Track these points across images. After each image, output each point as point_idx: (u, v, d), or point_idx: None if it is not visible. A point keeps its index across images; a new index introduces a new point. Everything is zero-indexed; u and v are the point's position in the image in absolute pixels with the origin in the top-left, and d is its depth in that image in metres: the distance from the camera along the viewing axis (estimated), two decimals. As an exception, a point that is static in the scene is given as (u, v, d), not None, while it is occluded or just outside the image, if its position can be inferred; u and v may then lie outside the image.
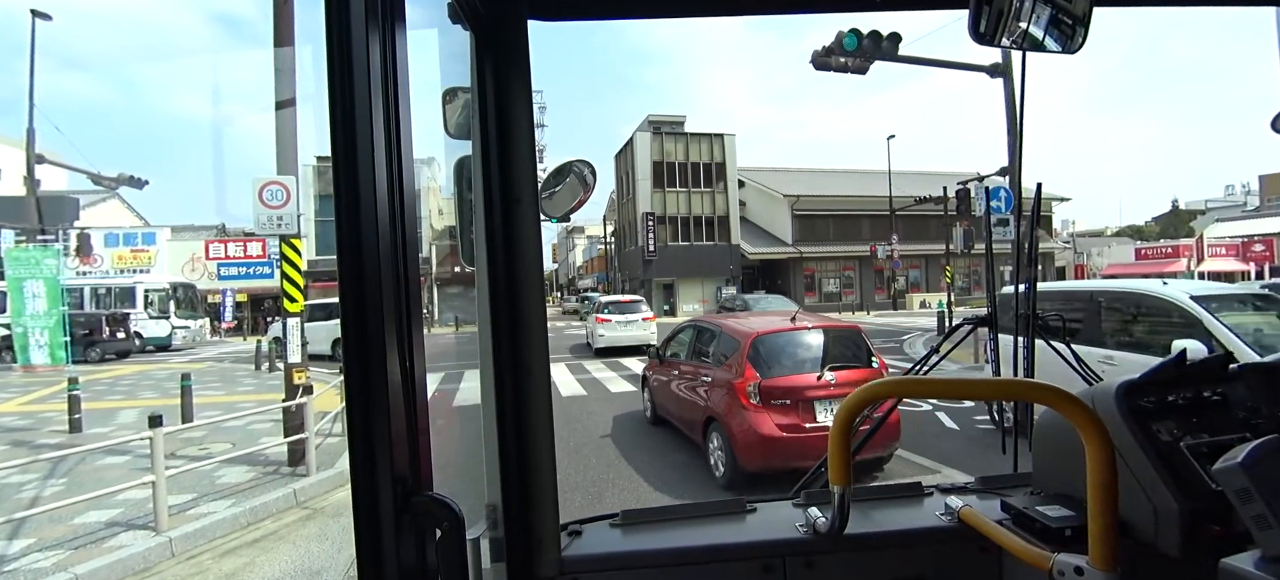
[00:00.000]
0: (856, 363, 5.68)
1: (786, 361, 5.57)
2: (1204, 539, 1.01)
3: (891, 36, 10.25)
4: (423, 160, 14.22)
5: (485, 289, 1.15)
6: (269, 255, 31.46)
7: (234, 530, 4.93)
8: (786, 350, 5.67)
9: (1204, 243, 41.52)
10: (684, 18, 1.34)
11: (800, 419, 5.23)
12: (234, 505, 5.19)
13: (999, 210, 11.22)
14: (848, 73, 10.46)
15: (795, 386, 5.35)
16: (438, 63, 1.12)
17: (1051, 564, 0.98)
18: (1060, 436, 1.23)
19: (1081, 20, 1.16)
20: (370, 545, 0.73)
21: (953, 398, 7.03)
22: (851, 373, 5.46)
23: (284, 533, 4.90)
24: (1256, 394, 1.19)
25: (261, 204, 6.03)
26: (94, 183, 18.73)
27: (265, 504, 5.24)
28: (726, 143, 35.51)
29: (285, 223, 6.13)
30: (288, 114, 6.46)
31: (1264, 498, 0.82)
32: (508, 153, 1.18)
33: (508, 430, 1.18)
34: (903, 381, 1.13)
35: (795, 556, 1.28)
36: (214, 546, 4.69)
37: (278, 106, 6.46)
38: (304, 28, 6.35)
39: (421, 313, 0.82)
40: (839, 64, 10.35)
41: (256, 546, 4.66)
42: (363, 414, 0.71)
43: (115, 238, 29.81)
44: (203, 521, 4.86)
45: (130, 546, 4.46)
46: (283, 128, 6.35)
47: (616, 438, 7.54)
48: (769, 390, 5.33)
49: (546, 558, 1.22)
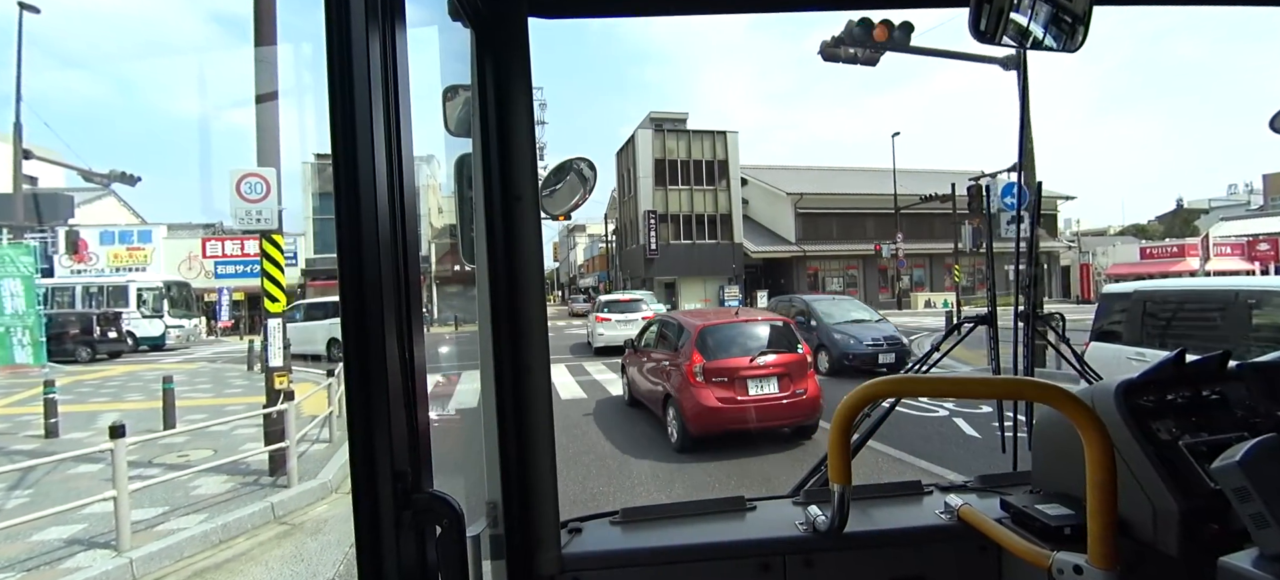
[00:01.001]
0: (784, 349, 6.90)
1: (727, 348, 6.79)
2: (1202, 537, 1.01)
3: (903, 26, 9.87)
4: (422, 157, 14.10)
5: (486, 287, 1.15)
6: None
7: (203, 549, 4.56)
8: (728, 339, 6.92)
9: (1210, 242, 41.25)
10: (683, 15, 1.30)
11: (735, 393, 6.50)
12: (206, 520, 4.82)
13: (1011, 207, 10.82)
14: (857, 64, 10.08)
15: (732, 367, 6.57)
16: (438, 60, 1.12)
17: (1051, 562, 0.98)
18: (1060, 435, 1.24)
19: (1081, 19, 1.16)
20: (371, 542, 0.73)
21: (951, 397, 6.86)
22: (779, 356, 6.75)
23: (257, 552, 4.52)
24: (1255, 393, 1.19)
25: (239, 197, 5.66)
26: (85, 179, 18.43)
27: (239, 519, 4.87)
28: (729, 140, 35.08)
29: (265, 217, 5.76)
30: (268, 107, 6.09)
31: (1262, 496, 0.83)
32: (508, 150, 1.16)
33: (508, 428, 1.17)
34: (901, 380, 1.11)
35: (795, 554, 1.27)
36: (180, 568, 4.31)
37: (258, 100, 6.09)
38: (304, 25, 6.03)
39: (422, 310, 0.81)
40: (848, 55, 9.97)
41: (224, 569, 4.29)
42: (363, 411, 0.72)
43: (111, 235, 29.47)
44: (170, 539, 4.49)
45: (87, 568, 4.09)
46: (264, 121, 5.98)
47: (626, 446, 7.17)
48: (711, 370, 6.53)
49: (546, 555, 1.22)
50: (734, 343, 6.88)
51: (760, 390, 6.58)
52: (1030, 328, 1.77)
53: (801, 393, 6.66)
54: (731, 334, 6.98)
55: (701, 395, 6.43)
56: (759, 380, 6.58)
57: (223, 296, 28.36)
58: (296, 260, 31.07)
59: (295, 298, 25.11)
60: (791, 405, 6.60)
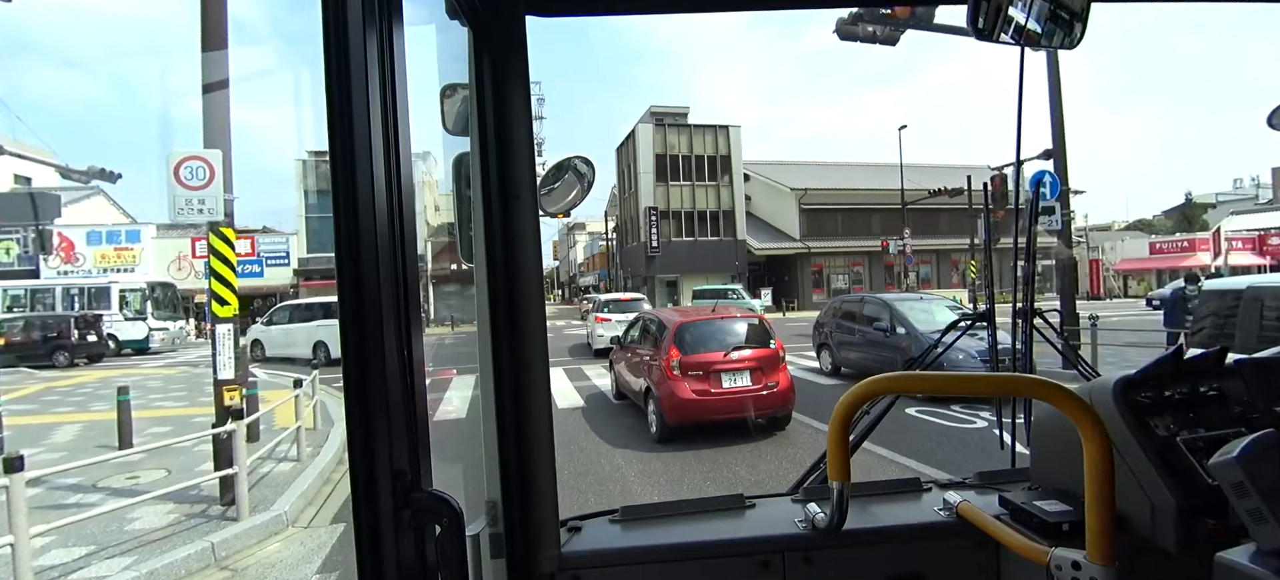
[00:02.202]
0: (758, 344, 7.15)
1: (704, 343, 7.06)
2: (1200, 533, 1.01)
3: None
4: (417, 154, 13.80)
5: (484, 286, 1.15)
6: (258, 253, 30.44)
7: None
8: (704, 335, 7.18)
9: (1222, 236, 40.64)
10: (680, 13, 1.29)
11: (710, 386, 6.80)
12: (133, 565, 4.09)
13: (1044, 197, 10.07)
14: (876, 43, 9.33)
15: (707, 362, 6.87)
16: (436, 59, 1.12)
17: (1049, 558, 0.98)
18: (1058, 432, 1.25)
19: (1079, 15, 1.17)
20: (370, 542, 0.73)
21: (949, 394, 7.58)
22: (752, 351, 7.02)
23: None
24: (1253, 389, 1.16)
25: (177, 183, 4.89)
26: (63, 176, 17.68)
27: (171, 565, 4.13)
28: (732, 134, 34.30)
29: (209, 207, 4.99)
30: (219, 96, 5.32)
31: (1259, 492, 0.83)
32: (506, 149, 1.17)
33: (507, 427, 1.17)
34: (899, 377, 1.12)
35: (794, 552, 1.28)
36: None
37: (205, 90, 5.32)
38: (302, 24, 5.40)
39: (420, 310, 0.80)
40: (867, 33, 9.22)
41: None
42: (362, 411, 0.72)
43: (98, 235, 28.78)
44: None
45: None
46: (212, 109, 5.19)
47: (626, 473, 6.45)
48: (687, 364, 6.82)
49: (546, 554, 1.22)
50: (711, 338, 7.17)
51: (734, 383, 6.85)
52: (1028, 324, 1.75)
53: (774, 385, 6.99)
54: (708, 330, 7.29)
55: (678, 388, 6.74)
56: (733, 374, 6.86)
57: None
58: (289, 260, 30.37)
59: (288, 298, 24.39)
60: (765, 397, 6.90)
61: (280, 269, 30.21)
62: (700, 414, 6.77)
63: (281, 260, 30.23)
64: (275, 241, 30.66)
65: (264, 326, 17.04)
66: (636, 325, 8.92)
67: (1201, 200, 54.87)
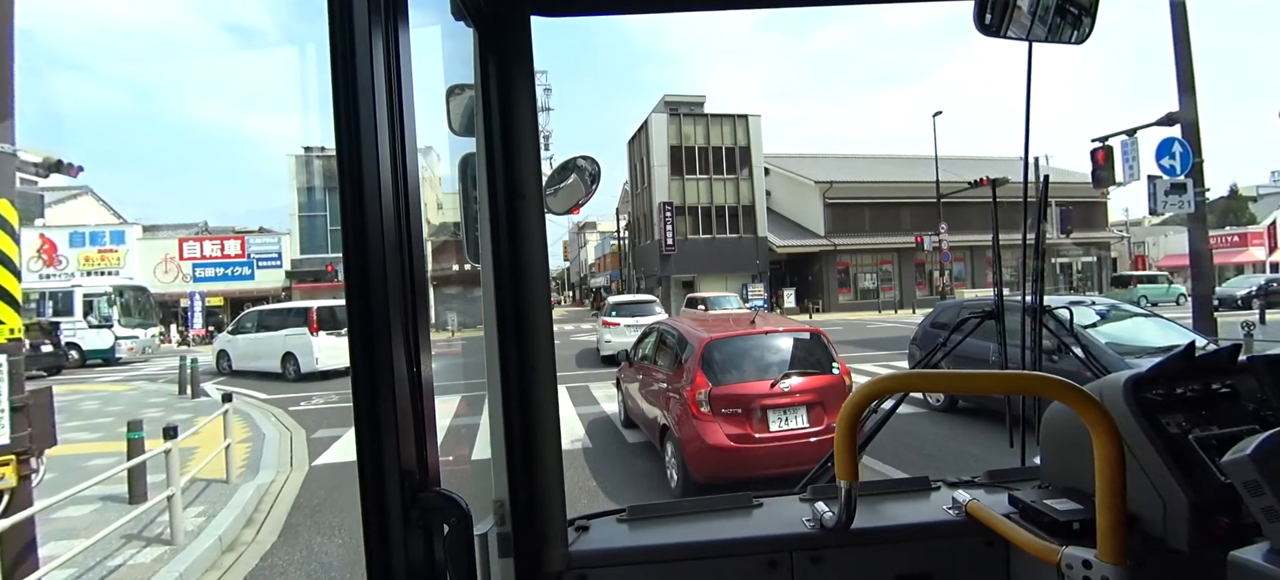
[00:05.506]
0: (816, 368, 5.34)
1: (741, 368, 5.29)
2: (1213, 532, 1.00)
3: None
4: (420, 150, 12.79)
5: (491, 286, 1.15)
6: (248, 254, 28.78)
7: None
8: (741, 356, 5.40)
9: (1277, 230, 38.14)
10: (685, 12, 1.31)
11: (751, 428, 4.98)
12: None
13: (1172, 171, 7.88)
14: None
15: (747, 395, 5.07)
16: (441, 60, 1.12)
17: (1059, 557, 0.97)
18: (1068, 430, 1.24)
19: (1088, 9, 1.17)
20: (378, 541, 0.73)
21: (958, 392, 6.64)
22: (810, 379, 5.20)
23: None
24: (1266, 386, 1.16)
25: None
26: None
27: None
28: (751, 124, 32.11)
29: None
30: None
31: (1273, 490, 0.82)
32: (512, 149, 1.17)
33: (514, 427, 1.17)
34: (908, 376, 1.14)
35: (802, 551, 1.27)
36: None
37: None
38: (307, 25, 3.99)
39: (427, 310, 0.80)
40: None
41: None
42: (370, 411, 0.72)
43: (81, 237, 27.26)
44: None
45: None
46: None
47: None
48: (719, 398, 5.05)
49: (554, 553, 1.22)
50: (750, 361, 5.33)
51: (784, 424, 5.01)
52: (1037, 322, 1.74)
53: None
54: (745, 349, 5.44)
55: (707, 431, 4.97)
56: (783, 413, 5.04)
57: (196, 302, 25.97)
58: (281, 261, 28.68)
59: (280, 301, 22.65)
60: (826, 444, 4.43)
61: (272, 271, 28.53)
62: (738, 469, 4.89)
63: (273, 261, 28.54)
64: (267, 242, 28.98)
65: (230, 335, 15.18)
66: (650, 339, 6.98)
67: (1244, 193, 52.26)
